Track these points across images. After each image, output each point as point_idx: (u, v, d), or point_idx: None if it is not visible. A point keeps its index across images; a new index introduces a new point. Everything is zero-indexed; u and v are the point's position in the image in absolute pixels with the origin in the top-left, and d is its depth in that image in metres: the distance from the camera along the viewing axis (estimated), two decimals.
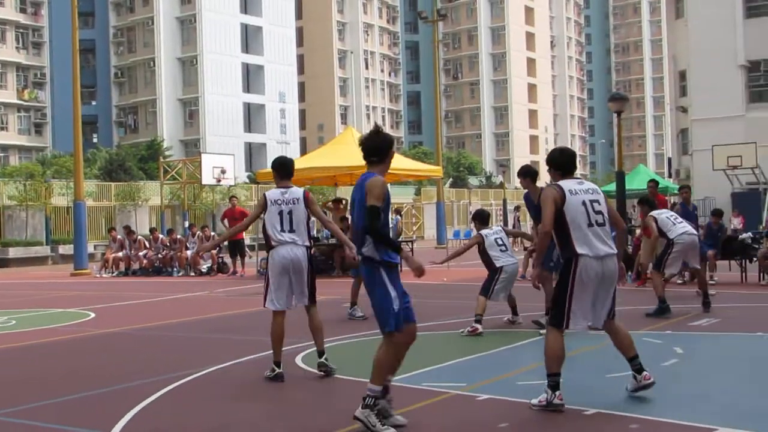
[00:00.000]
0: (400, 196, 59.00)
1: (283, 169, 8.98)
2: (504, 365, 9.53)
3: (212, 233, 28.12)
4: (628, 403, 7.27)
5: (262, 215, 8.82)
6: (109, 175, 54.42)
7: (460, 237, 46.53)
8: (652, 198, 16.10)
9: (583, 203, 7.14)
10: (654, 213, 13.91)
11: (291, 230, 8.57)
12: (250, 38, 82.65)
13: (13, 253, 39.46)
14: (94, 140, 77.63)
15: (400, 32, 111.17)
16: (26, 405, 7.99)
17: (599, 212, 7.19)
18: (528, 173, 11.33)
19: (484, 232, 12.35)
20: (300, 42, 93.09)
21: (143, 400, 7.93)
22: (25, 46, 76.63)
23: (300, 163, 31.12)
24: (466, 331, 11.52)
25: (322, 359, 8.80)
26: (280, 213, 8.57)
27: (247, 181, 61.07)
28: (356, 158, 25.52)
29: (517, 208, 48.17)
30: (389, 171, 23.93)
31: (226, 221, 26.90)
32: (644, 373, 7.34)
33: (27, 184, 42.47)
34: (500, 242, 12.26)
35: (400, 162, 27.85)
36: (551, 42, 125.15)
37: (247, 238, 29.32)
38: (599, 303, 7.24)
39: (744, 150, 36.07)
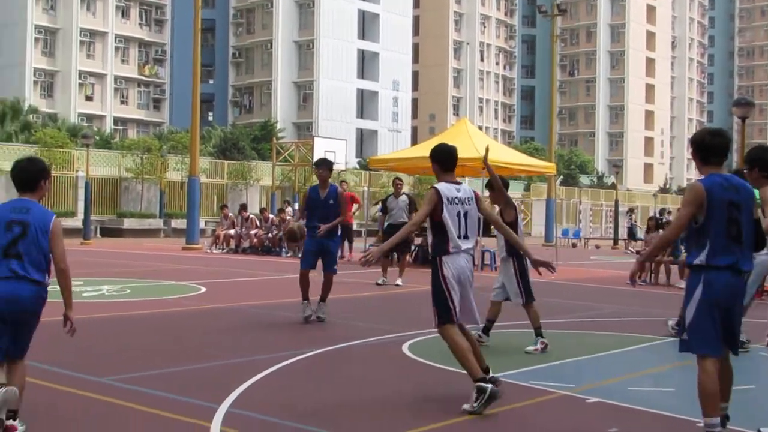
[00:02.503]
0: (509, 191, 58.55)
1: (451, 159, 7.49)
2: (614, 369, 9.37)
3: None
4: (747, 418, 7.05)
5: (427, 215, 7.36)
6: (223, 153, 55.34)
7: (569, 236, 46.23)
8: None
9: None
10: None
11: (466, 236, 7.35)
12: (366, 25, 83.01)
13: (127, 223, 40.55)
14: (210, 118, 79.09)
15: (517, 25, 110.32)
16: (139, 373, 8.19)
17: None
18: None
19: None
20: (416, 31, 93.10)
21: (251, 377, 8.04)
22: (148, 22, 78.42)
23: (411, 152, 31.24)
24: (537, 348, 9.95)
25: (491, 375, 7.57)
26: (458, 214, 7.29)
27: (357, 167, 61.45)
28: (470, 150, 25.45)
29: (631, 210, 47.34)
30: (497, 164, 23.48)
31: None
32: None
33: (144, 158, 43.56)
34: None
35: (513, 156, 27.67)
36: (672, 42, 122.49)
37: (355, 224, 29.49)
38: None
39: None
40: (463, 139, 25.11)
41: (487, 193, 15.55)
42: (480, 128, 78.71)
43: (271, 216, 29.25)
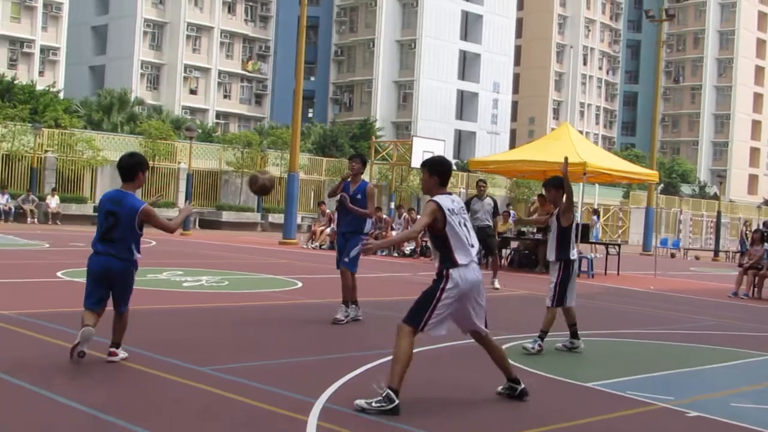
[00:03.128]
0: (607, 198, 57.91)
1: (450, 173, 7.44)
2: (715, 383, 9.18)
3: (417, 216, 28.40)
4: None
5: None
6: (322, 150, 55.83)
7: (668, 246, 45.43)
8: None
9: None
10: None
11: (471, 245, 7.19)
12: (469, 26, 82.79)
13: (226, 216, 41.19)
14: (309, 115, 79.80)
15: (622, 30, 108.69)
16: (237, 363, 8.32)
17: None
18: None
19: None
20: (519, 33, 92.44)
21: (348, 373, 8.09)
22: (253, 18, 79.50)
23: (510, 155, 31.13)
24: (534, 348, 9.77)
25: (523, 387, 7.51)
26: (460, 224, 7.15)
27: (455, 168, 61.35)
28: (571, 155, 25.14)
29: (746, 223, 46.29)
30: (598, 170, 23.09)
31: None
32: None
33: (244, 152, 44.24)
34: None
35: (615, 162, 27.33)
36: None
37: None
38: None
39: None
40: (565, 144, 24.94)
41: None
42: (580, 133, 78.05)
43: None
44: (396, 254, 26.99)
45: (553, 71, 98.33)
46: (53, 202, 36.54)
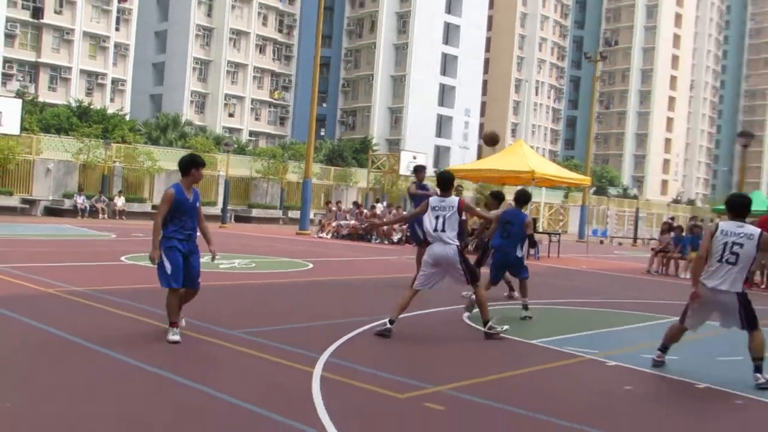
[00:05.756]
0: (551, 198, 57.92)
1: (445, 183, 8.52)
2: (631, 340, 9.22)
3: (403, 212, 28.36)
4: (736, 382, 6.91)
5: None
6: (330, 161, 55.75)
7: (598, 234, 45.42)
8: None
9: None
10: None
11: (443, 230, 8.23)
12: (448, 64, 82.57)
13: (255, 213, 41.13)
14: (322, 133, 79.52)
15: (566, 68, 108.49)
16: (262, 328, 8.35)
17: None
18: None
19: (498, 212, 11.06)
20: (486, 70, 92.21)
21: (347, 333, 8.13)
22: (279, 57, 79.21)
23: (477, 164, 31.12)
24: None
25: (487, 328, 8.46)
26: (437, 217, 8.29)
27: (434, 175, 61.21)
28: (523, 164, 24.94)
29: (672, 219, 46.09)
30: (544, 176, 22.83)
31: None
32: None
33: (270, 163, 44.12)
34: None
35: (557, 170, 27.35)
36: (690, 84, 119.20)
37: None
38: None
39: None
40: (519, 156, 25.00)
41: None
42: (531, 148, 77.91)
43: (365, 210, 29.37)
44: (386, 242, 26.97)
45: (511, 100, 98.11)
46: (119, 201, 36.42)
